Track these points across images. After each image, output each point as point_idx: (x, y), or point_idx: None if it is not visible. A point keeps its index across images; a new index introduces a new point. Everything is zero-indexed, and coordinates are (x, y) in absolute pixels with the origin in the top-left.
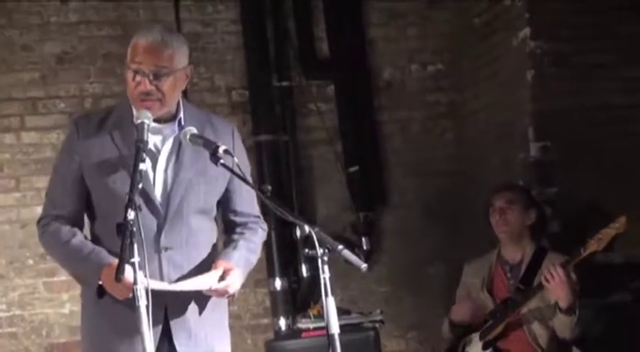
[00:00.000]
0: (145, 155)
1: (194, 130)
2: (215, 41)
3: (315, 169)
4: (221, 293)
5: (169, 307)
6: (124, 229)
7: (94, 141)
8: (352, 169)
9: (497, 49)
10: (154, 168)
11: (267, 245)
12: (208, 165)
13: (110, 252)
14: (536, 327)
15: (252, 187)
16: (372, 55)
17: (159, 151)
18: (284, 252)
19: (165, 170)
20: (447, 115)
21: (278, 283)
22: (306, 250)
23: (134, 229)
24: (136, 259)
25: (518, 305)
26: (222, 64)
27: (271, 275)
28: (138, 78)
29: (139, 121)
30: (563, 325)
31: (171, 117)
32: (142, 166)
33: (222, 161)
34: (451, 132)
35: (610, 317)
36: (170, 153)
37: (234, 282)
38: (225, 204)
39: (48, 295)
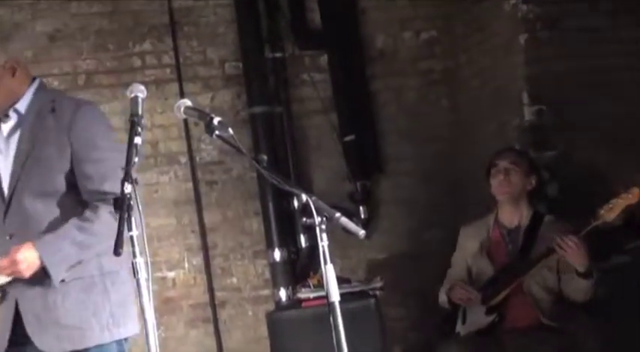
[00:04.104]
0: (139, 128)
1: (188, 103)
2: (207, 14)
3: (310, 139)
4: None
5: (18, 294)
6: (121, 203)
7: None
8: (348, 138)
9: (489, 13)
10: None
11: (265, 216)
12: (42, 146)
13: None
14: (538, 291)
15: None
16: (364, 23)
17: (3, 138)
18: (282, 223)
19: (7, 156)
20: (441, 82)
21: (277, 254)
22: (304, 219)
23: (131, 203)
24: (134, 232)
25: (523, 272)
26: (215, 38)
27: (270, 247)
28: None
29: (132, 95)
30: (581, 288)
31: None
32: (136, 140)
33: (217, 132)
34: (446, 99)
35: (610, 280)
36: (11, 141)
37: (8, 265)
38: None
39: None
